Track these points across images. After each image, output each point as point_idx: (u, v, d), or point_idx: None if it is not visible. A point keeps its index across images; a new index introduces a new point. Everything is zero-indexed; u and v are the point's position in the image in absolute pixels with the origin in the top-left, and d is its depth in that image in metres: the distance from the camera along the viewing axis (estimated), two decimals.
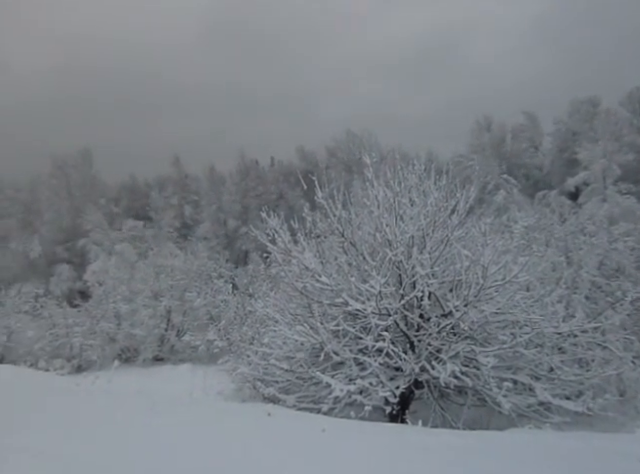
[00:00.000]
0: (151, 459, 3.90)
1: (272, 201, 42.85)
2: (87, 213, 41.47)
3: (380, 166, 10.19)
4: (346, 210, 9.13)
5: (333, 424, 6.10)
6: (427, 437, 5.78)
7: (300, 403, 8.37)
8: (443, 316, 8.33)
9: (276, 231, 9.22)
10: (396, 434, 5.96)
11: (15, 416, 4.65)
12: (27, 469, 3.26)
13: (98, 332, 19.50)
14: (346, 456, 4.61)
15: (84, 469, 3.42)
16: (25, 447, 3.67)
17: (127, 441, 4.36)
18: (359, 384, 7.70)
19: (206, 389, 10.90)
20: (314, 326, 8.35)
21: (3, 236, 42.06)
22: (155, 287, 22.21)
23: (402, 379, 8.02)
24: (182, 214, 46.80)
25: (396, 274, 8.63)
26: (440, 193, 8.94)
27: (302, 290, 8.96)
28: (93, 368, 17.52)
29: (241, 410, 7.01)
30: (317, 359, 8.56)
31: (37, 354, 18.46)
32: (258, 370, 9.62)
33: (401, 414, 8.02)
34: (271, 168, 51.13)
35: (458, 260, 8.50)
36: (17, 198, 44.34)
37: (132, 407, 6.06)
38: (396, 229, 8.43)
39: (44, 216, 42.70)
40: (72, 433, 4.36)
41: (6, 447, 3.66)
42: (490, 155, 39.15)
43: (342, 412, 7.63)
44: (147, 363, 19.73)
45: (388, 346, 7.80)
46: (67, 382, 9.52)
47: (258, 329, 12.53)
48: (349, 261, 9.12)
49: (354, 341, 8.56)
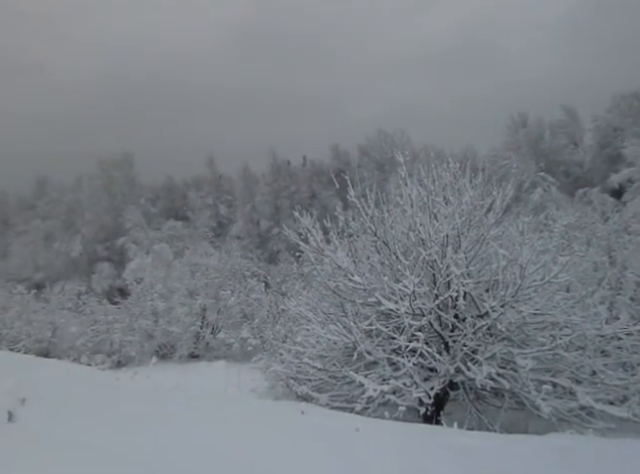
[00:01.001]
0: (187, 453, 3.98)
1: (304, 200, 43.05)
2: (126, 213, 42.79)
3: (413, 164, 10.08)
4: (379, 209, 9.07)
5: (367, 424, 6.07)
6: (463, 439, 5.68)
7: (333, 402, 8.37)
8: (479, 317, 8.17)
9: (308, 230, 9.25)
10: (431, 435, 5.88)
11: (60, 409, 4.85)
12: (70, 461, 3.40)
13: (137, 329, 20.07)
14: (380, 456, 4.58)
15: (123, 462, 3.53)
16: (70, 440, 3.83)
17: (165, 436, 4.47)
18: (392, 384, 7.64)
19: (240, 386, 11.07)
20: (347, 325, 8.34)
21: (48, 236, 43.91)
22: (190, 285, 22.71)
23: (436, 380, 7.91)
24: (217, 214, 47.62)
25: (430, 274, 8.52)
26: (475, 191, 8.77)
27: (335, 289, 8.97)
28: (132, 364, 18.06)
29: (275, 408, 7.07)
30: (350, 358, 8.55)
31: (79, 349, 19.16)
32: (291, 368, 9.69)
33: (436, 415, 7.91)
34: (303, 168, 51.34)
35: (494, 259, 8.31)
36: (61, 199, 46.21)
37: (170, 403, 6.21)
38: (430, 228, 8.31)
39: (86, 216, 44.32)
40: (112, 427, 4.50)
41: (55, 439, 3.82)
42: (527, 152, 38.05)
43: (376, 412, 7.59)
44: (183, 360, 20.19)
45: (422, 346, 7.70)
46: (108, 377, 9.84)
47: (291, 328, 12.63)
48: (382, 260, 9.06)
49: (387, 341, 8.50)
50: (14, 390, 4.65)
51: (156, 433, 4.44)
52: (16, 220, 46.61)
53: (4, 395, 4.62)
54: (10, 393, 4.60)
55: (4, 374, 6.93)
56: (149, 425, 4.71)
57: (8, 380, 5.47)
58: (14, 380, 5.12)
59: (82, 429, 4.19)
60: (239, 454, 4.14)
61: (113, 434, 4.23)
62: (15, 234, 45.04)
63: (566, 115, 40.43)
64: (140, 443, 4.05)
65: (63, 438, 3.79)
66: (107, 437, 4.13)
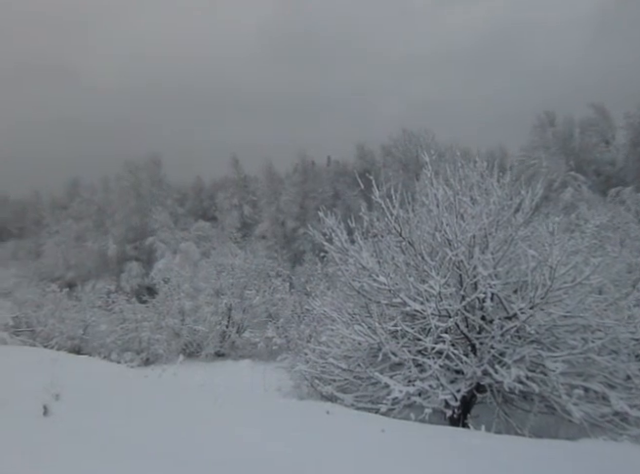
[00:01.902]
0: (216, 449, 4.03)
1: (328, 200, 43.05)
2: (154, 213, 43.65)
3: (439, 164, 9.97)
4: (404, 209, 8.99)
5: (392, 425, 6.04)
6: (491, 442, 5.58)
7: (358, 402, 8.34)
8: (507, 318, 8.02)
9: (333, 230, 9.24)
10: (458, 438, 5.80)
11: (93, 404, 4.99)
12: (103, 455, 3.49)
13: (164, 327, 20.45)
14: (408, 458, 4.55)
15: (154, 456, 3.60)
16: (103, 434, 3.94)
17: (193, 432, 4.55)
18: (418, 386, 7.57)
19: (265, 385, 11.15)
20: (372, 326, 8.31)
21: (79, 236, 45.16)
22: (216, 285, 23.01)
23: (463, 382, 7.80)
24: (242, 214, 48.08)
25: (456, 274, 8.40)
26: (503, 191, 8.61)
27: (359, 289, 8.93)
28: (160, 361, 18.39)
29: (300, 407, 7.10)
30: (375, 359, 8.51)
31: (109, 347, 19.63)
32: (316, 368, 9.70)
33: (462, 418, 7.80)
34: (327, 168, 51.36)
35: (523, 260, 8.15)
36: (92, 200, 47.46)
37: (197, 401, 6.31)
38: (457, 228, 8.20)
39: (115, 216, 45.40)
40: (143, 423, 4.61)
41: (88, 433, 3.94)
42: (557, 151, 37.14)
43: (401, 413, 7.52)
44: (209, 358, 20.46)
45: (448, 348, 7.61)
46: (137, 374, 10.07)
47: (315, 327, 12.67)
48: (407, 261, 8.99)
49: (413, 342, 8.42)
50: (48, 385, 4.79)
51: (185, 429, 4.52)
52: (49, 221, 48.11)
53: (39, 390, 4.77)
54: (45, 388, 4.74)
55: (39, 370, 7.15)
56: (178, 422, 4.79)
57: (43, 376, 5.64)
58: (48, 376, 5.27)
59: (114, 424, 4.30)
60: (266, 453, 4.18)
61: (144, 429, 4.33)
62: (48, 234, 46.47)
63: (596, 113, 39.33)
64: (169, 438, 4.13)
65: (96, 432, 3.90)
66: (138, 432, 4.23)
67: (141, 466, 3.36)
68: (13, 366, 7.40)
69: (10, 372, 6.71)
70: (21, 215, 55.20)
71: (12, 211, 56.40)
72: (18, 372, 6.78)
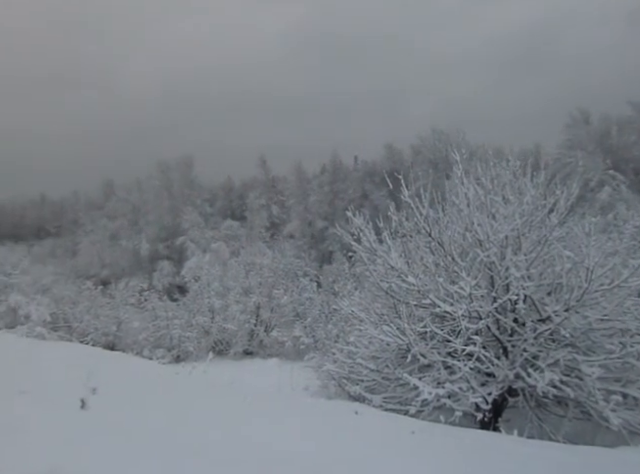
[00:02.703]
0: (245, 449, 4.08)
1: (356, 200, 42.93)
2: (185, 213, 44.50)
3: (470, 163, 9.79)
4: (433, 209, 8.88)
5: (422, 427, 5.96)
6: (524, 448, 5.45)
7: (386, 403, 8.29)
8: (540, 321, 7.82)
9: (361, 230, 9.21)
10: (490, 442, 5.69)
11: (128, 399, 5.13)
12: (140, 449, 3.59)
13: (194, 325, 20.81)
14: (438, 460, 4.49)
15: (183, 451, 3.67)
16: (139, 429, 4.05)
17: (222, 428, 4.62)
18: (448, 388, 7.46)
19: (293, 384, 11.20)
20: (400, 327, 8.24)
21: (114, 235, 46.47)
22: (245, 284, 23.27)
23: (494, 385, 7.65)
24: (270, 214, 48.47)
25: (488, 276, 8.25)
26: (537, 190, 8.40)
27: (387, 290, 8.87)
28: (190, 359, 18.73)
29: (328, 407, 7.11)
30: (403, 360, 8.44)
31: (142, 343, 20.11)
32: (344, 368, 9.69)
33: (493, 422, 7.65)
34: (355, 167, 51.24)
35: (558, 262, 7.93)
36: (127, 200, 48.74)
37: (227, 398, 6.40)
38: (488, 228, 8.05)
39: (148, 216, 46.51)
40: (176, 419, 4.71)
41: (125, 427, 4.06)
42: (594, 149, 35.95)
43: (430, 415, 7.44)
44: (238, 356, 20.71)
45: (479, 350, 7.47)
46: (168, 371, 10.28)
47: (343, 327, 12.65)
48: (436, 261, 8.87)
49: (442, 344, 8.31)
50: (85, 380, 4.94)
51: (215, 426, 4.59)
52: (85, 220, 49.68)
53: (76, 384, 4.93)
54: (82, 382, 4.90)
55: (76, 365, 7.39)
56: (209, 419, 4.88)
57: (79, 370, 5.82)
58: (85, 371, 5.44)
59: (147, 419, 4.41)
60: (294, 452, 4.20)
61: (175, 425, 4.42)
62: (84, 233, 48.00)
63: (634, 111, 37.87)
64: (200, 434, 4.20)
65: (130, 426, 4.01)
66: (168, 427, 4.32)
67: (170, 460, 3.43)
68: (52, 361, 7.67)
69: (49, 367, 6.96)
70: (59, 215, 57.26)
71: (50, 211, 58.58)
72: (56, 367, 7.02)
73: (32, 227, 56.46)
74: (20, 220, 57.29)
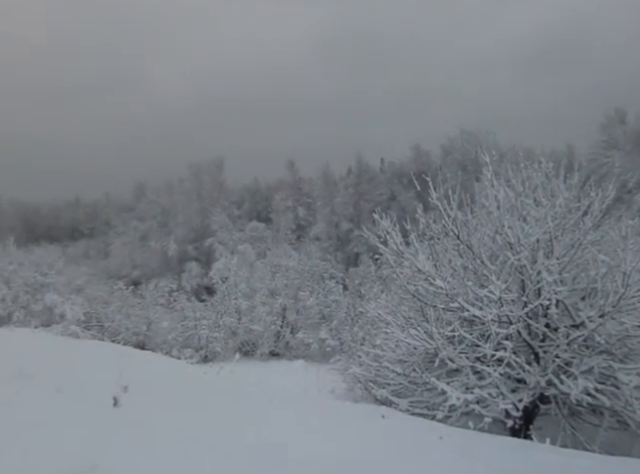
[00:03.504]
0: (269, 448, 4.10)
1: (384, 202, 42.70)
2: (214, 215, 45.14)
3: (500, 164, 9.61)
4: (462, 211, 8.75)
5: (450, 432, 5.88)
6: (557, 457, 5.29)
7: (413, 408, 8.20)
8: (573, 327, 7.60)
9: (388, 232, 9.14)
10: (521, 450, 5.55)
11: (158, 398, 5.24)
12: (172, 447, 3.65)
13: (222, 326, 21.06)
14: (467, 467, 4.41)
15: (209, 450, 3.72)
16: (170, 427, 4.13)
17: (249, 429, 4.66)
18: (477, 393, 7.32)
19: (319, 386, 11.20)
20: (428, 330, 8.14)
21: (144, 236, 47.51)
22: (271, 285, 23.43)
23: (525, 392, 7.47)
24: (296, 216, 48.68)
25: (518, 280, 8.07)
26: (571, 192, 8.18)
27: (414, 293, 8.78)
28: (217, 359, 18.97)
29: (354, 410, 7.08)
30: (431, 364, 8.33)
31: (171, 343, 20.47)
32: (370, 371, 9.64)
33: (524, 429, 7.46)
34: (382, 169, 51.00)
35: (592, 266, 7.69)
36: (157, 201, 49.78)
37: (254, 398, 6.46)
38: (519, 231, 7.87)
39: (178, 218, 47.38)
40: (206, 418, 4.78)
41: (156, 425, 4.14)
42: (632, 150, 34.75)
43: (459, 421, 7.31)
44: (264, 357, 20.85)
45: (509, 356, 7.31)
46: (197, 371, 10.45)
47: (369, 330, 12.58)
48: (465, 265, 8.73)
49: (471, 348, 8.17)
50: (117, 378, 5.06)
51: (242, 427, 4.64)
52: (117, 222, 50.99)
53: (109, 382, 5.06)
54: (114, 381, 5.02)
55: (108, 363, 7.59)
56: (236, 419, 4.93)
57: (111, 369, 5.97)
58: (116, 369, 5.58)
59: (176, 417, 4.50)
60: (320, 454, 4.20)
61: (202, 423, 4.48)
62: (116, 234, 49.27)
63: None
64: (226, 434, 4.25)
65: (160, 424, 4.09)
66: (196, 425, 4.39)
67: (198, 458, 3.48)
68: (85, 359, 7.90)
69: (83, 365, 7.17)
70: (92, 216, 59.00)
71: (84, 213, 60.40)
72: (90, 365, 7.23)
73: (67, 229, 58.34)
74: (55, 222, 59.28)
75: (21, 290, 20.61)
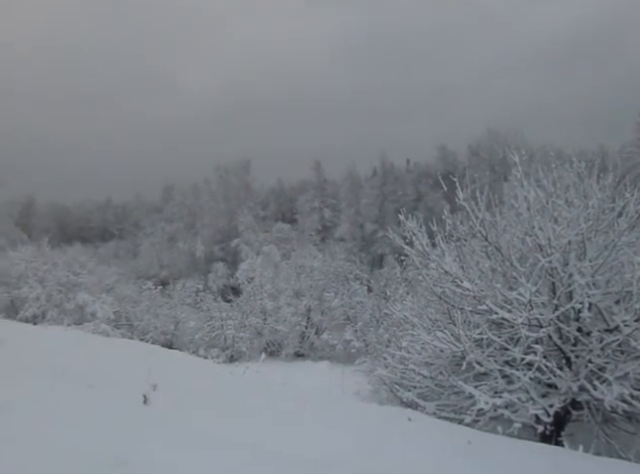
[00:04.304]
0: (296, 448, 4.11)
1: (409, 203, 42.36)
2: (241, 216, 45.62)
3: (530, 164, 9.41)
4: (490, 212, 8.59)
5: (479, 437, 5.77)
6: (591, 465, 5.13)
7: (440, 411, 8.09)
8: (607, 331, 7.37)
9: (414, 233, 9.06)
10: (553, 456, 5.40)
11: (187, 396, 5.32)
12: (201, 445, 3.70)
13: (247, 326, 21.25)
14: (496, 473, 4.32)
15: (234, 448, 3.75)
16: (198, 425, 4.19)
17: (276, 428, 4.68)
18: (506, 398, 7.18)
19: (344, 388, 11.18)
20: (455, 333, 8.02)
21: (172, 237, 48.38)
22: (296, 286, 23.51)
23: (557, 397, 7.28)
24: (322, 217, 48.75)
25: (549, 282, 7.88)
26: (604, 193, 7.94)
27: (441, 295, 8.67)
28: (243, 359, 19.14)
29: (380, 412, 7.02)
30: (458, 367, 8.20)
31: (198, 343, 20.76)
32: (395, 373, 9.57)
33: (555, 435, 7.27)
34: (408, 170, 50.60)
35: (627, 269, 7.45)
36: (184, 203, 50.64)
37: (279, 398, 6.49)
38: (550, 233, 7.68)
39: (205, 219, 48.06)
40: (232, 417, 4.83)
41: (185, 423, 4.21)
42: None
43: (487, 426, 7.18)
44: (289, 358, 20.93)
45: (540, 360, 7.14)
46: (223, 370, 10.56)
47: (395, 332, 12.47)
48: (493, 267, 8.57)
49: (499, 352, 8.01)
50: (146, 377, 5.16)
51: (269, 426, 4.67)
52: (145, 223, 52.07)
53: (138, 380, 5.16)
54: (143, 379, 5.12)
55: (137, 361, 7.74)
56: (263, 418, 4.96)
57: (141, 367, 6.08)
58: (145, 368, 5.68)
59: (204, 416, 4.55)
60: (344, 455, 4.18)
61: (230, 422, 4.53)
62: (144, 235, 50.32)
63: None
64: (254, 433, 4.28)
65: (190, 423, 4.16)
66: (224, 424, 4.44)
67: (225, 457, 3.51)
68: (115, 357, 8.07)
69: (113, 363, 7.33)
70: (122, 217, 60.43)
71: (114, 214, 61.91)
72: (119, 363, 7.38)
73: (97, 229, 59.90)
74: (86, 223, 60.95)
75: (54, 289, 21.29)
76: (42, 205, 59.54)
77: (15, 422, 3.49)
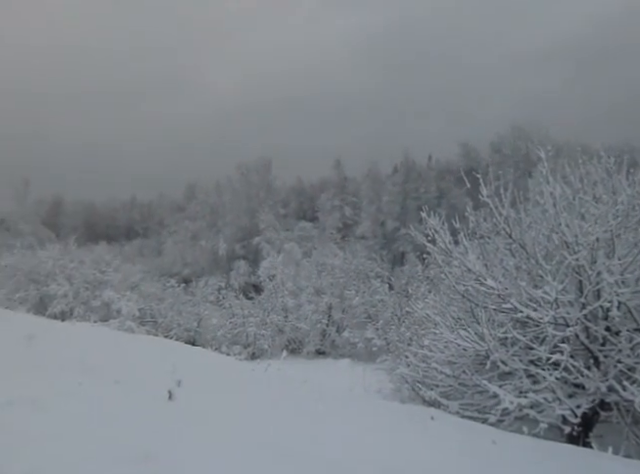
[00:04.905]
0: (318, 445, 4.12)
1: (432, 201, 41.96)
2: (261, 214, 45.95)
3: (556, 160, 9.21)
4: (514, 209, 8.44)
5: (504, 437, 5.68)
6: (621, 468, 4.99)
7: (464, 410, 8.00)
8: (637, 330, 7.17)
9: (436, 231, 8.97)
10: (581, 458, 5.28)
11: (211, 392, 5.39)
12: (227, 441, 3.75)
13: (269, 323, 21.41)
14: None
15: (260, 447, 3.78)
16: (224, 421, 4.24)
17: (298, 425, 4.70)
18: (531, 398, 7.05)
19: (365, 386, 11.16)
20: (479, 332, 7.92)
21: (195, 235, 49.01)
22: (317, 284, 23.56)
23: (584, 398, 7.12)
24: (342, 215, 48.69)
25: (576, 280, 7.70)
26: (634, 189, 7.71)
27: (464, 293, 8.57)
28: (265, 356, 19.28)
29: (402, 410, 6.99)
30: (481, 367, 8.10)
31: (220, 340, 21.02)
32: (418, 372, 9.50)
33: (583, 437, 7.11)
34: (429, 167, 50.12)
35: None
36: (207, 201, 51.22)
37: (302, 395, 6.52)
38: (577, 230, 7.51)
39: (227, 217, 48.53)
40: (256, 413, 4.87)
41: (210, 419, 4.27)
42: None
43: (512, 426, 7.07)
44: (310, 355, 21.02)
45: (566, 360, 6.99)
46: (245, 367, 10.67)
47: (417, 331, 12.39)
48: (518, 264, 8.43)
49: (524, 351, 7.88)
50: (171, 372, 5.24)
51: (291, 423, 4.69)
52: (169, 221, 52.87)
53: (163, 376, 5.25)
54: (168, 375, 5.20)
55: (161, 358, 7.88)
56: (285, 415, 4.99)
57: (166, 363, 6.18)
58: (170, 364, 5.77)
59: (227, 411, 4.61)
60: (367, 454, 4.17)
61: (252, 419, 4.57)
62: (168, 234, 51.11)
63: None
64: (276, 430, 4.31)
65: (215, 419, 4.21)
66: (246, 421, 4.47)
67: (248, 453, 3.54)
68: (141, 353, 8.23)
69: (138, 359, 7.48)
70: (146, 216, 61.48)
71: (139, 213, 63.03)
72: (145, 359, 7.53)
73: (123, 228, 61.06)
74: (112, 221, 62.19)
75: (81, 287, 21.80)
76: (69, 204, 60.94)
77: (46, 417, 3.59)
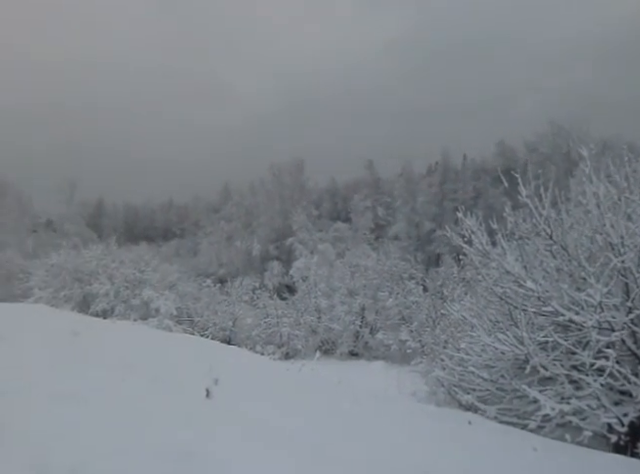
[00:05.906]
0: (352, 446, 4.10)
1: (468, 201, 41.16)
2: (294, 215, 46.24)
3: (600, 159, 8.86)
4: (555, 209, 8.17)
5: (546, 444, 5.50)
6: None
7: (502, 416, 7.80)
8: None
9: (473, 232, 8.78)
10: (629, 469, 5.05)
11: (247, 391, 5.46)
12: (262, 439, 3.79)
13: (302, 324, 21.51)
14: None
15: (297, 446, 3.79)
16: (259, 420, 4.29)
17: (333, 425, 4.70)
18: (574, 404, 6.80)
19: (400, 388, 11.05)
20: (518, 335, 7.70)
21: (230, 236, 49.79)
22: (350, 285, 23.50)
23: (632, 406, 6.80)
24: (375, 216, 48.40)
25: (621, 283, 7.38)
26: None
27: (502, 295, 8.36)
28: (298, 356, 19.39)
29: (439, 414, 6.88)
30: (520, 371, 7.88)
31: (254, 339, 21.28)
32: (454, 375, 9.33)
33: (631, 446, 6.79)
34: (465, 166, 49.20)
35: None
36: (241, 203, 51.95)
37: (336, 396, 6.51)
38: (623, 231, 7.19)
39: (260, 218, 49.08)
40: (287, 411, 4.90)
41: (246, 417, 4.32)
42: None
43: (553, 433, 6.83)
44: (343, 357, 20.98)
45: (612, 365, 6.70)
46: (280, 367, 10.76)
47: (452, 333, 12.17)
48: (559, 266, 8.15)
49: (566, 356, 7.61)
50: (208, 371, 5.34)
51: (327, 422, 4.69)
52: (205, 222, 53.91)
53: (200, 375, 5.35)
54: (205, 373, 5.30)
55: (198, 356, 8.04)
56: (321, 414, 4.99)
57: (203, 362, 6.30)
58: (207, 362, 5.88)
59: (263, 410, 4.65)
60: (404, 456, 4.13)
61: (288, 418, 4.59)
62: (204, 234, 52.11)
63: None
64: (313, 429, 4.32)
65: (251, 417, 4.25)
66: (282, 420, 4.51)
67: (286, 453, 3.56)
68: (178, 351, 8.41)
69: (176, 357, 7.65)
70: (183, 217, 62.96)
71: (176, 214, 64.63)
72: (182, 357, 7.69)
73: (160, 229, 62.74)
74: (151, 223, 64.00)
75: (122, 286, 22.49)
76: (110, 206, 63.13)
77: (88, 412, 3.70)
